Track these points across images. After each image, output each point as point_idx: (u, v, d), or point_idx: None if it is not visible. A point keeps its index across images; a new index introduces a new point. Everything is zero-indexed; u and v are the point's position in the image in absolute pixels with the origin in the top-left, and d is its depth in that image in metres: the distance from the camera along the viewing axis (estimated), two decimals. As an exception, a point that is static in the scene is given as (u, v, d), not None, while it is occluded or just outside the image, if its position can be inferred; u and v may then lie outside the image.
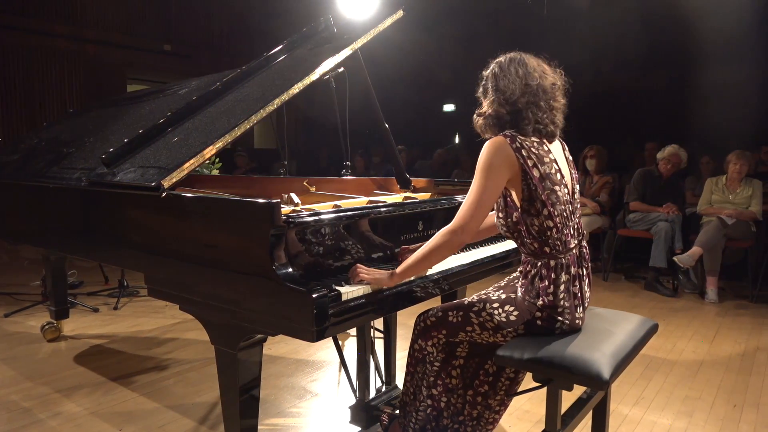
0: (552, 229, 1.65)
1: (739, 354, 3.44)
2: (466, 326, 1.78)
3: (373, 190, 2.87)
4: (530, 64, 1.70)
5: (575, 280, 1.70)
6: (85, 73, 8.52)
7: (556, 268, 1.67)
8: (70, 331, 3.67)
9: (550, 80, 1.70)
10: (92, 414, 2.54)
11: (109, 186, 2.05)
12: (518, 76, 1.67)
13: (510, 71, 1.68)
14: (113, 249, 2.21)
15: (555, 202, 1.65)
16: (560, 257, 1.67)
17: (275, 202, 1.52)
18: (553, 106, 1.70)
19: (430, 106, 10.38)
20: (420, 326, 1.88)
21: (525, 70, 1.68)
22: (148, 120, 2.50)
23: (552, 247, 1.67)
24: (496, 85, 1.69)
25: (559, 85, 1.73)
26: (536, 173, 1.63)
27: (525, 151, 1.63)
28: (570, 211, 1.70)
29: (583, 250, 1.77)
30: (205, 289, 1.72)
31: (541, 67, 1.72)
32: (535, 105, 1.66)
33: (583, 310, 1.74)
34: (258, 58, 2.43)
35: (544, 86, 1.68)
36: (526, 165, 1.62)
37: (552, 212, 1.64)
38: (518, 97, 1.66)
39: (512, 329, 1.72)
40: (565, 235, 1.67)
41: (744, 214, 4.68)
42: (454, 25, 8.90)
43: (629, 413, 2.62)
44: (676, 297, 4.83)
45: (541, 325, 1.69)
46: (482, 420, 1.94)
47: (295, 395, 2.78)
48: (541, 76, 1.69)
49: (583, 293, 1.74)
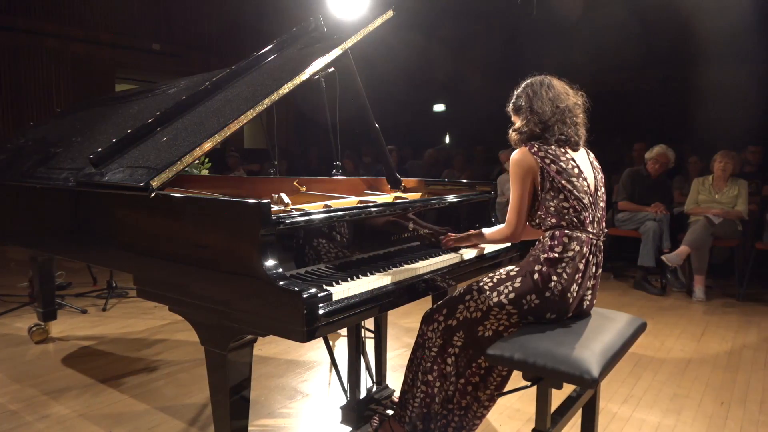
0: (569, 209, 1.83)
1: (726, 352, 3.48)
2: (466, 295, 1.90)
3: (364, 190, 2.87)
4: (557, 87, 1.96)
5: (584, 260, 1.82)
6: (72, 72, 8.44)
7: (570, 236, 1.82)
8: (58, 332, 3.64)
9: (572, 100, 1.96)
10: (81, 416, 2.52)
11: (97, 186, 2.04)
12: (549, 99, 1.92)
13: (542, 94, 1.93)
14: (101, 250, 2.20)
15: (572, 189, 1.83)
16: (576, 231, 1.82)
17: (265, 203, 1.52)
18: (576, 122, 1.94)
19: (421, 106, 10.40)
20: (426, 314, 1.99)
21: (554, 93, 1.93)
22: (137, 120, 2.48)
23: (569, 222, 1.83)
24: (530, 107, 1.93)
25: (580, 104, 1.98)
26: (553, 168, 1.84)
27: (542, 153, 1.86)
28: (590, 202, 1.87)
29: (600, 245, 1.90)
30: (195, 289, 1.71)
31: (565, 89, 1.97)
32: (561, 122, 1.91)
33: (578, 290, 1.81)
34: (248, 58, 2.42)
35: (570, 106, 1.93)
36: (543, 163, 1.85)
37: (568, 196, 1.83)
38: (549, 117, 1.90)
39: (509, 283, 1.82)
40: (583, 216, 1.83)
41: (730, 213, 4.74)
42: (445, 26, 8.92)
43: (618, 411, 2.64)
44: (664, 296, 4.88)
45: (537, 279, 1.79)
46: (470, 412, 1.98)
47: (286, 396, 2.77)
48: (565, 99, 1.94)
49: (585, 277, 1.84)
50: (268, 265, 1.51)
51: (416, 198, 2.63)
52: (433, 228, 2.23)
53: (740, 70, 7.23)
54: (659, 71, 8.08)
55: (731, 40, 6.79)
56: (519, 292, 1.80)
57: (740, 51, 6.89)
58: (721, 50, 7.09)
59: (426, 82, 9.83)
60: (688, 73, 7.96)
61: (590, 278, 1.86)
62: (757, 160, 5.70)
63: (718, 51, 7.19)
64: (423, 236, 2.18)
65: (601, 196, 1.94)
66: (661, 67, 8.04)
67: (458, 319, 1.90)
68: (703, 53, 7.51)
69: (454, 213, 2.41)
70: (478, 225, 2.37)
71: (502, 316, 1.84)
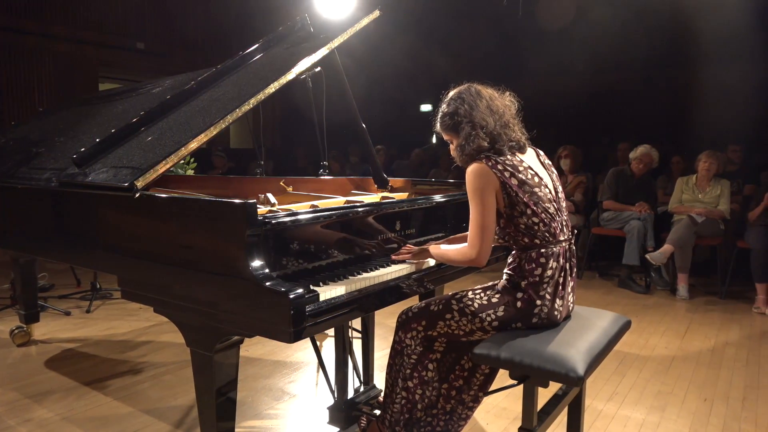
0: (538, 224, 1.75)
1: (709, 349, 3.52)
2: (446, 314, 1.82)
3: (351, 190, 2.86)
4: (485, 93, 1.83)
5: (562, 271, 1.77)
6: (55, 71, 8.31)
7: (546, 255, 1.74)
8: (40, 335, 3.59)
9: (503, 101, 1.84)
10: (64, 419, 2.49)
11: (81, 186, 2.01)
12: (486, 107, 1.79)
13: (478, 105, 1.79)
14: (85, 251, 2.17)
15: (537, 201, 1.75)
16: (550, 246, 1.75)
17: (251, 203, 1.51)
18: (513, 123, 1.83)
19: (408, 105, 10.41)
20: (401, 319, 1.93)
21: (487, 100, 1.81)
22: (121, 119, 2.46)
23: (542, 239, 1.75)
24: (471, 121, 1.78)
25: (508, 104, 1.86)
26: (514, 181, 1.74)
27: (501, 166, 1.74)
28: (555, 208, 1.79)
29: (572, 247, 1.85)
30: (181, 290, 1.70)
31: (491, 93, 1.85)
32: (506, 126, 1.80)
33: (562, 304, 1.79)
34: (233, 57, 2.41)
35: (506, 111, 1.82)
36: (503, 177, 1.73)
37: (535, 210, 1.74)
38: (494, 127, 1.77)
39: (492, 311, 1.76)
40: (553, 228, 1.76)
41: (713, 212, 4.80)
42: (431, 25, 8.94)
43: (604, 408, 2.67)
44: (648, 294, 4.93)
45: (521, 307, 1.74)
46: (455, 415, 1.98)
47: (273, 397, 2.76)
48: (497, 101, 1.83)
49: (566, 288, 1.80)
50: (254, 265, 1.50)
51: (403, 198, 2.63)
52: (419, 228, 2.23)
53: (722, 72, 7.34)
54: (644, 73, 8.18)
55: (713, 42, 6.88)
56: (503, 320, 1.76)
57: (723, 52, 6.99)
58: (704, 51, 7.19)
59: (413, 82, 9.84)
60: (670, 74, 8.07)
61: (569, 283, 1.82)
62: (738, 159, 5.79)
63: (700, 52, 7.29)
64: (409, 236, 2.18)
65: (562, 198, 1.86)
66: (646, 69, 8.14)
67: (439, 332, 1.86)
68: (686, 54, 7.62)
69: (441, 212, 2.42)
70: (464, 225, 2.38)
71: (486, 335, 1.80)
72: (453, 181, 2.79)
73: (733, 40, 6.67)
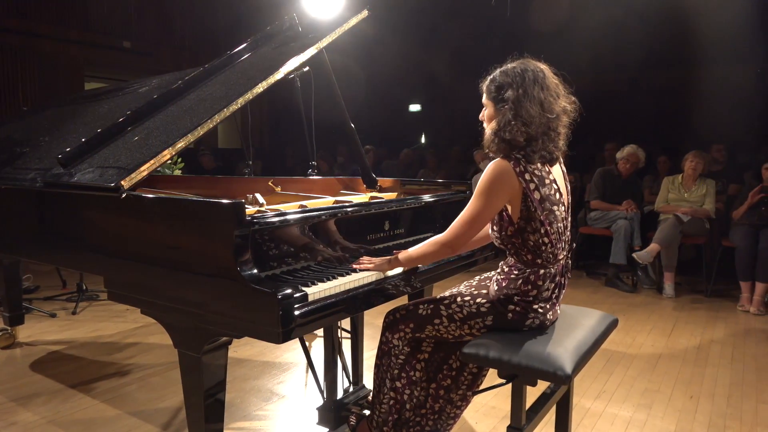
0: (547, 245, 1.70)
1: (695, 347, 3.56)
2: (434, 318, 1.81)
3: (340, 190, 2.86)
4: (551, 87, 1.68)
5: (557, 287, 1.77)
6: (40, 70, 8.20)
7: (544, 276, 1.72)
8: (25, 337, 3.54)
9: (561, 105, 1.69)
10: (50, 423, 2.46)
11: (66, 187, 1.99)
12: (539, 103, 1.64)
13: (533, 96, 1.63)
14: (71, 252, 2.15)
15: (552, 221, 1.69)
16: (549, 267, 1.73)
17: (239, 203, 1.51)
18: (560, 133, 1.70)
19: (397, 105, 10.42)
20: (389, 319, 1.91)
21: (546, 96, 1.65)
22: (107, 119, 2.43)
23: (544, 259, 1.72)
24: (516, 111, 1.63)
25: (569, 110, 1.72)
26: (537, 195, 1.65)
27: (528, 175, 1.64)
28: (564, 226, 1.75)
29: (568, 261, 1.83)
30: (168, 291, 1.68)
31: (557, 91, 1.70)
32: (546, 135, 1.66)
33: (553, 312, 1.80)
34: (221, 57, 2.40)
35: (558, 114, 1.67)
36: (528, 188, 1.64)
37: (548, 230, 1.68)
38: (536, 129, 1.64)
39: (481, 320, 1.75)
40: (558, 249, 1.73)
41: (698, 211, 4.86)
42: (421, 25, 8.96)
43: (591, 407, 2.69)
44: (635, 292, 4.98)
45: (512, 318, 1.73)
46: (444, 414, 1.98)
47: (262, 398, 2.74)
48: (555, 102, 1.67)
49: (559, 298, 1.81)
50: (242, 266, 1.49)
51: (392, 198, 2.63)
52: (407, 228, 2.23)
53: (707, 73, 7.43)
54: (630, 73, 8.25)
55: (698, 44, 6.96)
56: (492, 328, 1.75)
57: (708, 54, 7.07)
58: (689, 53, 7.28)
59: (402, 82, 9.85)
60: (656, 75, 8.15)
61: (562, 291, 1.81)
62: (722, 159, 5.87)
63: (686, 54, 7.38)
64: (398, 236, 2.18)
65: (569, 212, 1.81)
66: (632, 70, 8.21)
67: (427, 335, 1.86)
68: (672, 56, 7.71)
69: (430, 212, 2.42)
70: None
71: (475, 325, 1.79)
72: (442, 181, 2.80)
73: (717, 42, 6.74)
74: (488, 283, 1.85)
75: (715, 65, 7.38)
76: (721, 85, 7.10)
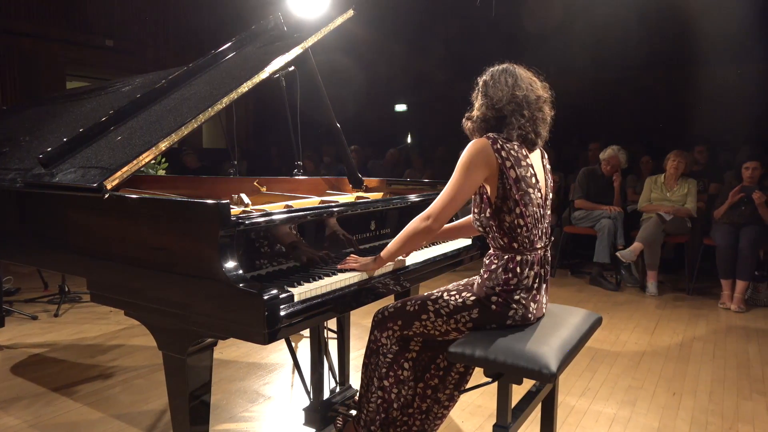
0: (522, 227, 1.74)
1: (677, 344, 3.61)
2: (422, 314, 1.82)
3: (326, 190, 2.85)
4: (521, 75, 1.80)
5: (536, 278, 1.78)
6: (20, 68, 8.07)
7: (521, 263, 1.75)
8: (6, 340, 3.49)
9: (536, 93, 1.80)
10: (31, 427, 2.42)
11: (47, 187, 1.96)
12: (507, 86, 1.77)
13: (500, 80, 1.78)
14: (53, 253, 2.11)
15: (528, 203, 1.74)
16: (527, 254, 1.76)
17: (225, 203, 1.50)
18: (537, 117, 1.78)
19: (382, 105, 10.42)
20: (377, 318, 1.93)
21: (514, 81, 1.78)
22: (90, 118, 2.40)
23: (520, 244, 1.75)
24: (485, 92, 1.80)
25: (545, 98, 1.82)
26: (512, 174, 1.71)
27: (504, 153, 1.72)
28: (541, 214, 1.79)
29: (547, 254, 1.85)
30: (152, 293, 1.67)
31: (530, 80, 1.81)
32: (519, 113, 1.75)
33: (536, 306, 1.81)
34: (206, 56, 2.38)
35: (530, 98, 1.77)
36: (504, 165, 1.71)
37: (524, 212, 1.73)
38: (504, 104, 1.75)
39: (467, 313, 1.77)
40: (534, 234, 1.76)
41: (680, 210, 4.93)
42: (407, 25, 8.97)
43: (576, 404, 2.71)
44: (619, 291, 5.03)
45: (495, 310, 1.75)
46: (431, 414, 1.99)
47: (248, 399, 2.73)
48: (528, 88, 1.78)
49: (540, 291, 1.81)
50: (227, 266, 1.48)
51: (378, 198, 2.63)
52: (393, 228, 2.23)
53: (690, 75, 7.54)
54: (615, 74, 8.34)
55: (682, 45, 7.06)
56: (478, 321, 1.77)
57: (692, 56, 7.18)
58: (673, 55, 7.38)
59: (388, 82, 9.85)
60: (640, 76, 8.25)
61: (543, 286, 1.83)
62: (703, 160, 5.96)
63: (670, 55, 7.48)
64: (384, 236, 2.18)
65: (548, 205, 1.86)
66: (618, 70, 8.30)
67: (415, 332, 1.87)
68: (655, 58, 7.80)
69: (416, 212, 2.42)
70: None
71: (462, 335, 1.81)
72: (428, 181, 2.80)
73: (699, 45, 6.85)
74: (474, 280, 1.86)
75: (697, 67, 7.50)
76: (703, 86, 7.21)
